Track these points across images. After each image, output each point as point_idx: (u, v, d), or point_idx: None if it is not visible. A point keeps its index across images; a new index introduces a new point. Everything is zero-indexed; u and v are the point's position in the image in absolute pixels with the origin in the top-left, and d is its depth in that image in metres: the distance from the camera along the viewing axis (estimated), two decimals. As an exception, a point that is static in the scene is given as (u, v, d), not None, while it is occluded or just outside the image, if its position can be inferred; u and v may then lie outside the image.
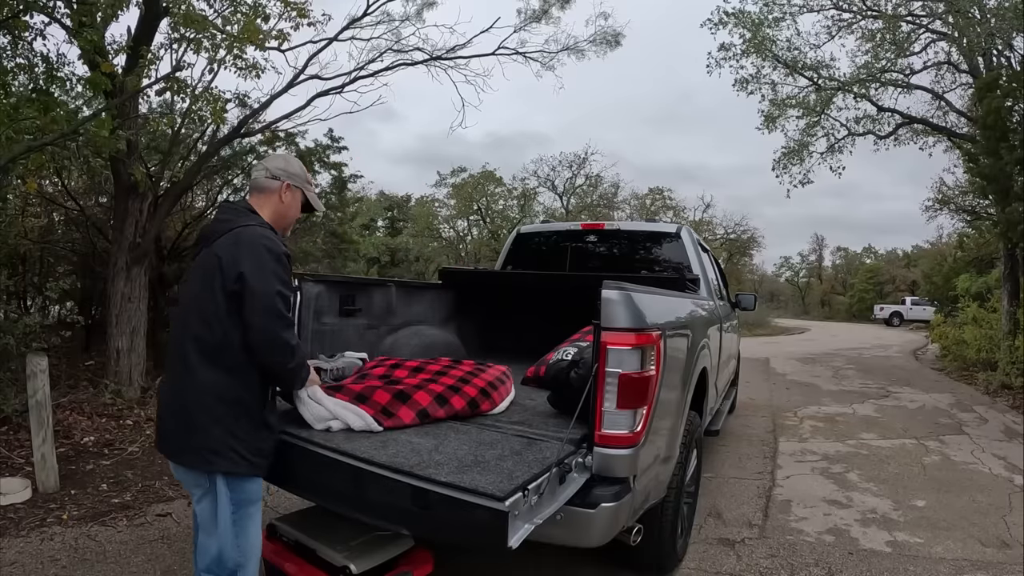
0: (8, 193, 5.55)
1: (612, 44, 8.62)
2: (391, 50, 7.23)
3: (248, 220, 1.89)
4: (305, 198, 2.13)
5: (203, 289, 1.80)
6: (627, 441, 1.93)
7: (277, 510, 3.16)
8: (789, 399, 7.51)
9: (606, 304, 1.92)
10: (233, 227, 1.85)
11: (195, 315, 1.80)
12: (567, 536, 1.85)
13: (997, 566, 2.86)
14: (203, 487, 1.82)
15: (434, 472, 1.68)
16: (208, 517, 1.83)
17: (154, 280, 6.52)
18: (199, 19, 4.67)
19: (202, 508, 1.85)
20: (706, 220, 30.02)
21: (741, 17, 11.64)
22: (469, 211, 24.50)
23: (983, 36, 9.22)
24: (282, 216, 2.05)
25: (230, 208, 2.02)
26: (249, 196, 2.07)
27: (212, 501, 1.81)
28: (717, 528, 3.25)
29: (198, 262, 1.91)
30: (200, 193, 8.39)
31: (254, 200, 2.02)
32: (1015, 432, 5.78)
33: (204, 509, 1.85)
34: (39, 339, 4.86)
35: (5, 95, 4.43)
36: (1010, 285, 10.84)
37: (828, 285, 48.40)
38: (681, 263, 4.06)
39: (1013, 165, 8.56)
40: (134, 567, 2.64)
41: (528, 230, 4.90)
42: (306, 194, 2.13)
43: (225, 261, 1.77)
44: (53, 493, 3.45)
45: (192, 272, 1.96)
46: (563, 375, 2.37)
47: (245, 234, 1.82)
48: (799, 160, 12.52)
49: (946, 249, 26.64)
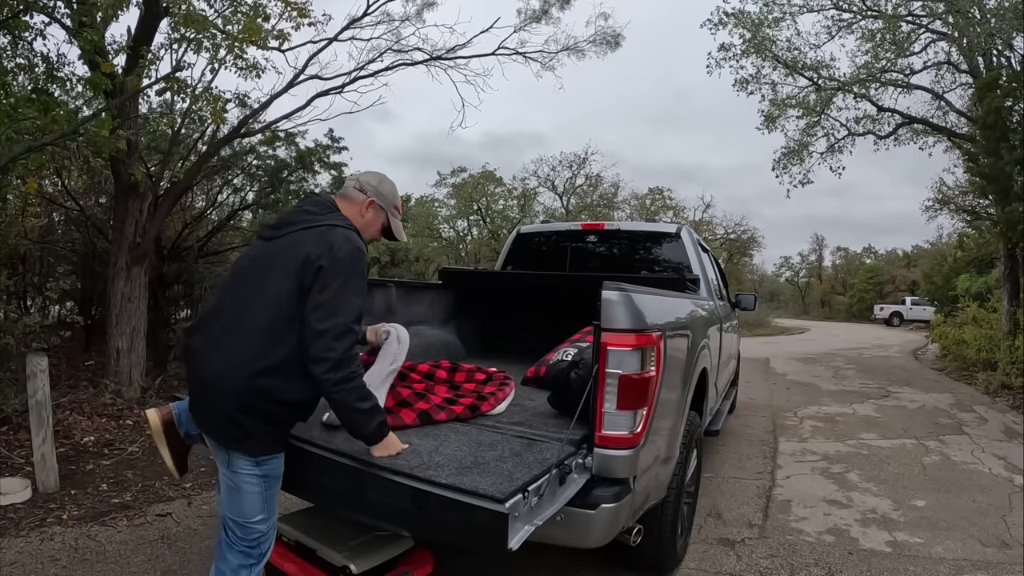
0: (8, 193, 5.54)
1: (612, 45, 8.61)
2: (391, 50, 7.23)
3: (336, 220, 1.84)
4: (388, 222, 2.06)
5: (276, 275, 1.73)
6: (627, 442, 1.93)
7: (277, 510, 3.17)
8: (789, 399, 7.51)
9: (606, 305, 1.92)
10: (320, 224, 1.80)
11: (260, 295, 1.72)
12: (567, 537, 1.85)
13: (997, 566, 2.86)
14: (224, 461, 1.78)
15: (434, 474, 1.68)
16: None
17: (154, 280, 6.52)
18: (199, 19, 4.67)
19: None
20: (706, 220, 30.03)
21: (741, 17, 11.64)
22: (469, 211, 24.50)
23: (983, 36, 9.22)
24: (359, 230, 1.96)
25: (317, 201, 1.93)
26: (335, 198, 2.00)
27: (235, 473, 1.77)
28: (717, 528, 3.26)
29: (275, 246, 1.81)
30: (200, 193, 8.39)
31: (339, 203, 1.95)
32: (1015, 432, 5.78)
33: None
34: (39, 339, 4.87)
35: (5, 95, 4.43)
36: (1010, 285, 10.84)
37: (828, 285, 48.40)
38: (681, 263, 4.06)
39: (1013, 165, 8.55)
40: (134, 567, 2.64)
41: (528, 230, 4.90)
42: (390, 219, 2.06)
43: (312, 258, 1.69)
44: (53, 493, 3.45)
45: (260, 253, 1.84)
46: (563, 376, 2.37)
47: (339, 239, 1.75)
48: (799, 160, 12.52)
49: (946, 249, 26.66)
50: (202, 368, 1.73)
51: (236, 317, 1.74)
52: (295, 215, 1.87)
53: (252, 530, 1.78)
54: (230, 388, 1.67)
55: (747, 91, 12.30)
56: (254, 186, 8.21)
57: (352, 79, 6.70)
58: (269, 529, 1.84)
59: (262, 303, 1.72)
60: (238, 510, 1.76)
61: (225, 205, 8.60)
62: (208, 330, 1.77)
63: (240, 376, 1.66)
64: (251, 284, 1.78)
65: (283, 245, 1.79)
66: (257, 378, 1.66)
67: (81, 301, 7.45)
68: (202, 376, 1.73)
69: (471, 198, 23.84)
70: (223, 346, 1.71)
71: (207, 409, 1.75)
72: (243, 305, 1.75)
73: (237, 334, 1.71)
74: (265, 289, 1.73)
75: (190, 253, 7.35)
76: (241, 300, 1.76)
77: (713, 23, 11.89)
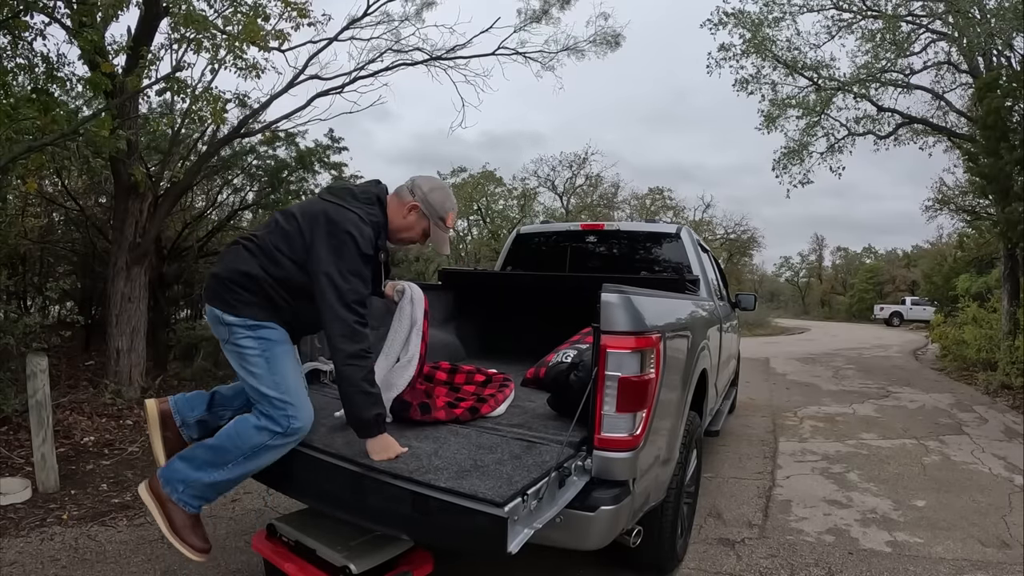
0: (8, 193, 5.55)
1: (612, 45, 8.61)
2: (391, 50, 7.24)
3: (361, 209, 1.99)
4: (429, 230, 2.14)
5: (290, 224, 1.98)
6: (627, 444, 1.93)
7: (277, 510, 3.17)
8: (789, 399, 7.51)
9: (606, 307, 1.92)
10: (347, 207, 1.97)
11: (279, 237, 1.97)
12: (567, 539, 1.85)
13: (997, 566, 2.86)
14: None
15: (433, 477, 1.68)
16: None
17: (154, 280, 6.53)
18: (199, 19, 4.67)
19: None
20: (706, 220, 30.03)
21: (741, 17, 11.64)
22: (469, 211, 24.47)
23: (983, 36, 9.22)
24: (397, 229, 2.11)
25: (364, 190, 2.09)
26: (391, 193, 2.15)
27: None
28: (717, 528, 3.26)
29: (304, 204, 2.07)
30: (200, 193, 8.40)
31: (390, 198, 2.12)
32: (1015, 432, 5.78)
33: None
34: (39, 339, 4.86)
35: (5, 95, 4.42)
36: (1010, 285, 10.84)
37: (828, 285, 48.39)
38: (681, 263, 4.06)
39: (1013, 165, 8.55)
40: (134, 567, 2.64)
41: (528, 230, 4.89)
42: (432, 228, 2.13)
43: (317, 225, 1.93)
44: (53, 493, 3.45)
45: (294, 210, 2.06)
46: (563, 377, 2.37)
47: (338, 214, 1.95)
48: (799, 160, 12.52)
49: (946, 249, 26.66)
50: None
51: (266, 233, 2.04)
52: (341, 191, 2.07)
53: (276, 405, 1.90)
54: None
55: (747, 91, 12.31)
56: (254, 186, 8.21)
57: (352, 79, 6.71)
58: (299, 407, 1.93)
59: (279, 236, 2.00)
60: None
61: (225, 205, 8.60)
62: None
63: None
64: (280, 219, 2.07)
65: (309, 205, 2.05)
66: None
67: (81, 301, 7.46)
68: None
69: (471, 198, 23.81)
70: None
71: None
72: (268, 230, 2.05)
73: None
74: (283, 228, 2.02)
75: (190, 253, 7.35)
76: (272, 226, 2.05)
77: (713, 23, 11.89)
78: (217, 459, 1.92)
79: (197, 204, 8.45)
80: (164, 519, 1.94)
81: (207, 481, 1.93)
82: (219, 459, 1.91)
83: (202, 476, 1.92)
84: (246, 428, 1.91)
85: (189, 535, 1.95)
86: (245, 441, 1.89)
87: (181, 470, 1.95)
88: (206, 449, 1.95)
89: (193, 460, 1.95)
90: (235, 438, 1.91)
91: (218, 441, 1.94)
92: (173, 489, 1.94)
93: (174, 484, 1.94)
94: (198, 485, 1.93)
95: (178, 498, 1.93)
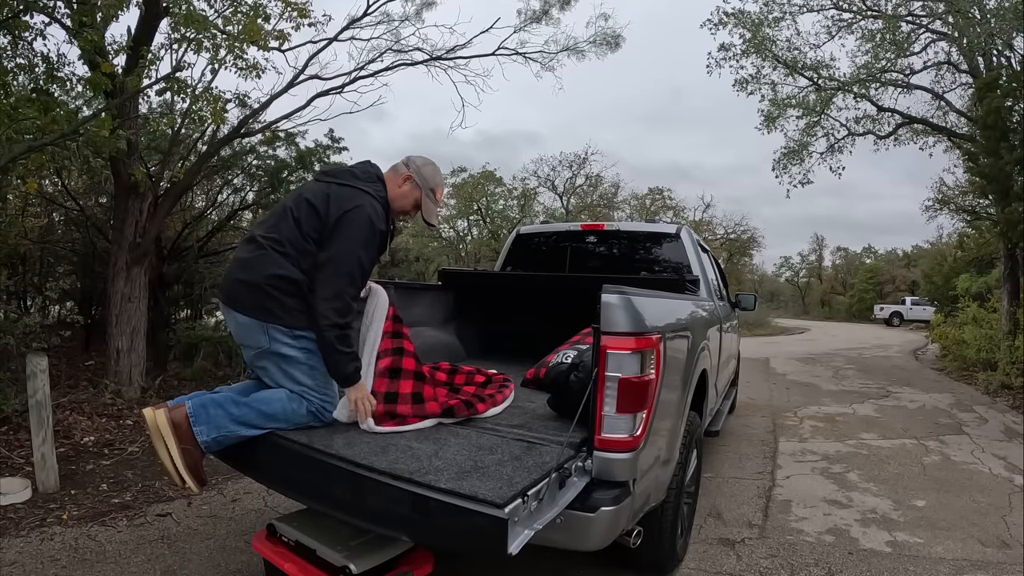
0: (8, 193, 5.55)
1: (612, 46, 8.61)
2: (391, 50, 7.24)
3: (369, 188, 2.18)
4: (420, 201, 2.32)
5: (302, 212, 2.11)
6: (627, 445, 1.93)
7: (277, 510, 3.17)
8: (789, 399, 7.51)
9: (606, 308, 1.92)
10: (355, 187, 2.15)
11: (301, 227, 2.10)
12: (567, 540, 1.85)
13: (997, 566, 2.87)
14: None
15: (433, 479, 1.67)
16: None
17: (154, 280, 6.52)
18: (199, 19, 4.66)
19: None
20: (706, 220, 30.04)
21: (741, 17, 11.64)
22: (469, 211, 24.48)
23: (983, 36, 9.22)
24: (392, 198, 2.28)
25: (364, 170, 2.27)
26: (387, 170, 2.34)
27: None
28: (717, 528, 3.26)
29: (308, 189, 2.21)
30: (200, 193, 8.38)
31: (386, 174, 2.31)
32: (1015, 432, 5.78)
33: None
34: (39, 339, 4.87)
35: (5, 95, 4.42)
36: (1010, 285, 10.84)
37: (828, 285, 48.38)
38: (681, 264, 4.06)
39: (1013, 165, 8.55)
40: (134, 567, 2.64)
41: (528, 231, 4.89)
42: (423, 198, 2.32)
43: (332, 207, 2.09)
44: (53, 493, 3.45)
45: (298, 194, 2.22)
46: (563, 378, 2.37)
47: (353, 195, 2.13)
48: (799, 160, 12.52)
49: (946, 249, 26.65)
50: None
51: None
52: (338, 172, 2.25)
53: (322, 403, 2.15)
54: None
55: (747, 91, 12.30)
56: (254, 186, 8.20)
57: (352, 79, 6.71)
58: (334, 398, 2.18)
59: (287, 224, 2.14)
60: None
61: (225, 205, 8.59)
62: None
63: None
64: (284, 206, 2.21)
65: (314, 187, 2.20)
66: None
67: (81, 301, 7.45)
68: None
69: (471, 198, 23.82)
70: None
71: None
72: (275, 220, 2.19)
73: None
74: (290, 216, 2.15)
75: (190, 253, 7.35)
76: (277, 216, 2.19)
77: (713, 23, 11.89)
78: (261, 422, 2.05)
79: (197, 204, 8.43)
80: (179, 453, 1.97)
81: (240, 434, 2.04)
82: (263, 423, 2.05)
83: (238, 430, 2.03)
84: (300, 409, 2.10)
85: (199, 472, 2.03)
86: (294, 418, 2.10)
87: (218, 417, 2.01)
88: (253, 411, 2.05)
89: (233, 414, 2.03)
90: (288, 414, 2.08)
91: (270, 408, 2.06)
92: (203, 431, 2.00)
93: (207, 427, 2.01)
94: (231, 437, 2.04)
95: (203, 440, 2.00)
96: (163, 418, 1.97)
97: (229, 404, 2.05)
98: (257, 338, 2.09)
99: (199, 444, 1.99)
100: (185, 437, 1.98)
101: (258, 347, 2.11)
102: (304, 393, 2.12)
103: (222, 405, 2.04)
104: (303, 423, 2.12)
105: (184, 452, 1.97)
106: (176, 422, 1.97)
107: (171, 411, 2.00)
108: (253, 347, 2.13)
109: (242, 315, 2.09)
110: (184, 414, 2.00)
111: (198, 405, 2.02)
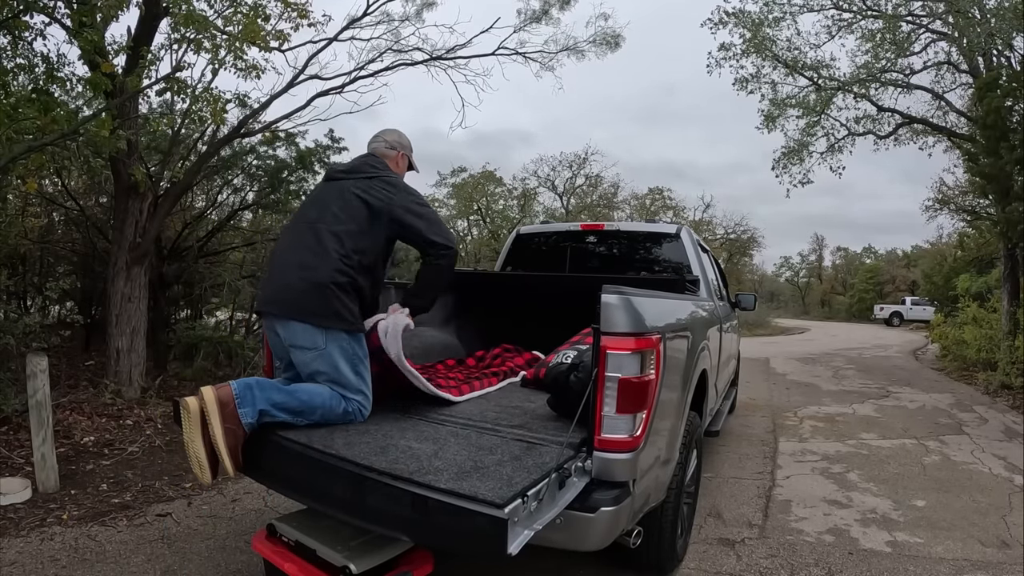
0: (8, 193, 5.55)
1: (612, 45, 8.60)
2: (391, 50, 7.23)
3: (388, 172, 2.48)
4: (409, 162, 2.69)
5: (348, 209, 2.30)
6: (627, 445, 1.93)
7: (277, 510, 3.17)
8: (789, 399, 7.51)
9: (605, 308, 1.92)
10: (381, 176, 2.42)
11: (337, 220, 2.28)
12: (567, 540, 1.85)
13: (997, 566, 2.87)
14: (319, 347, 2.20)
15: (433, 478, 1.68)
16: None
17: (154, 280, 6.52)
18: (199, 19, 4.66)
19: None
20: (706, 220, 30.03)
21: (741, 17, 11.63)
22: (469, 211, 24.50)
23: (983, 36, 9.20)
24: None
25: (376, 160, 2.54)
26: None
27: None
28: (717, 528, 3.26)
29: (336, 188, 2.39)
30: (200, 193, 8.38)
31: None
32: (1015, 432, 5.78)
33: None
34: (39, 339, 4.87)
35: (5, 95, 4.42)
36: (1010, 285, 10.83)
37: (828, 285, 48.38)
38: (681, 264, 4.06)
39: (1013, 165, 8.55)
40: (134, 567, 2.64)
41: (528, 231, 4.89)
42: (411, 159, 2.70)
43: (384, 198, 2.34)
44: (53, 493, 3.45)
45: (323, 194, 2.43)
46: (563, 378, 2.37)
47: (397, 183, 2.45)
48: (799, 160, 12.51)
49: (946, 249, 26.63)
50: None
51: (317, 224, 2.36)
52: (357, 164, 2.51)
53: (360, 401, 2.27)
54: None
55: (747, 90, 12.29)
56: (254, 186, 8.19)
57: (352, 79, 6.70)
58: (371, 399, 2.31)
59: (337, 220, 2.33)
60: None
61: (225, 205, 8.58)
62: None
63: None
64: (314, 210, 2.41)
65: (341, 186, 2.40)
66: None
67: (81, 301, 7.44)
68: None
69: (471, 198, 23.84)
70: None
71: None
72: (315, 220, 2.36)
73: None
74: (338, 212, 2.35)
75: (190, 253, 7.34)
76: (315, 218, 2.37)
77: (713, 23, 11.88)
78: (301, 412, 2.13)
79: (197, 204, 8.42)
80: (221, 432, 1.97)
81: (279, 419, 2.10)
82: (302, 414, 2.13)
83: (279, 415, 2.10)
84: (337, 408, 2.19)
85: (237, 455, 2.02)
86: (330, 415, 2.18)
87: (262, 401, 2.06)
88: (296, 399, 2.12)
89: (276, 400, 2.09)
90: (327, 411, 2.17)
91: (312, 401, 2.15)
92: (248, 413, 2.03)
93: (251, 408, 2.03)
94: (271, 422, 2.10)
95: (247, 422, 2.03)
96: (211, 395, 1.98)
97: (272, 390, 2.10)
98: (314, 339, 2.19)
99: (243, 425, 2.00)
100: (230, 417, 1.99)
101: (313, 347, 2.20)
102: (345, 393, 2.21)
103: (266, 389, 2.08)
104: (336, 422, 2.19)
105: (227, 432, 1.97)
106: (223, 401, 1.99)
107: (218, 390, 2.02)
108: (308, 347, 2.21)
109: (289, 320, 2.22)
110: (230, 393, 2.01)
111: (243, 386, 2.05)
